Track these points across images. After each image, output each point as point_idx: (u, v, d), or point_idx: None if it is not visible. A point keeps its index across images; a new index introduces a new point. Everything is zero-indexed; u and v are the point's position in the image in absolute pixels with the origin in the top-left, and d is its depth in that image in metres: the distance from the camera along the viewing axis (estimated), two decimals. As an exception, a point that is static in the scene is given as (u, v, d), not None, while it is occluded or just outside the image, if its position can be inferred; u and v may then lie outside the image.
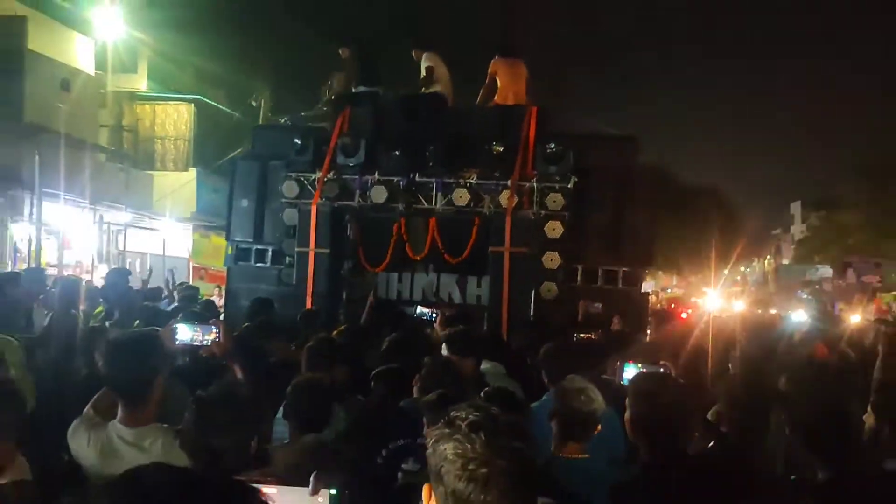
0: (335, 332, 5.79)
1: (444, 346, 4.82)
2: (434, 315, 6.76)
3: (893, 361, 5.59)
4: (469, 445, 1.58)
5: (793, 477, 3.03)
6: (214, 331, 3.81)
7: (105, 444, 3.03)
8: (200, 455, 2.63)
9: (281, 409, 3.68)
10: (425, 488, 1.67)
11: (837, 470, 2.78)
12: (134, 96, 23.44)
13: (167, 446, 2.91)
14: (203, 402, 2.76)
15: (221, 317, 8.22)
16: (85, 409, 3.29)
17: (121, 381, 3.10)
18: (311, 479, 1.52)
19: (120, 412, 3.10)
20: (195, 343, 3.84)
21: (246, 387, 3.40)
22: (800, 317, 9.85)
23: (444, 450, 1.60)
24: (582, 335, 6.63)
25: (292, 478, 2.28)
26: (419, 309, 7.35)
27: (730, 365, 5.52)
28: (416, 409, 3.63)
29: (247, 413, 2.75)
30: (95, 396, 3.34)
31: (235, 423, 2.67)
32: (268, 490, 1.56)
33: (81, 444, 3.10)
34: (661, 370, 4.46)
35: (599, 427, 3.37)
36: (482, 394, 3.47)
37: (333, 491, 1.58)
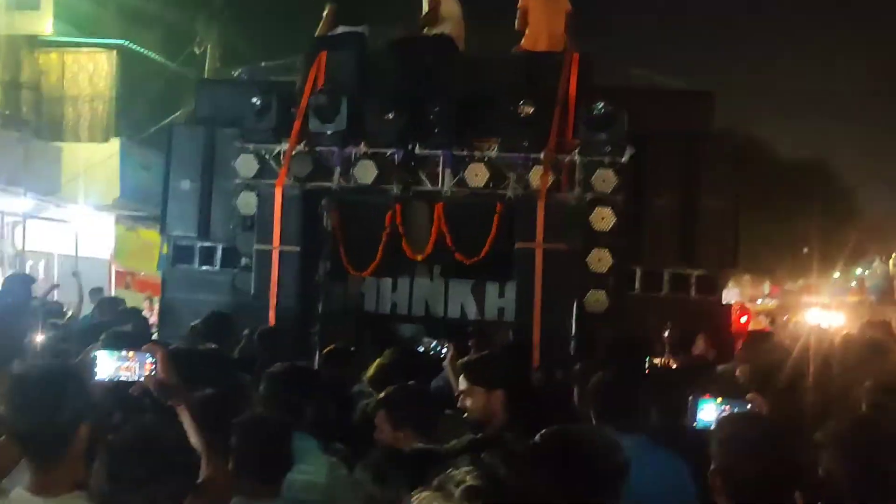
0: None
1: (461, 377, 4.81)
2: (444, 349, 6.74)
3: None
4: None
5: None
6: (150, 360, 3.77)
7: None
8: None
9: None
10: None
11: None
12: (35, 42, 23.48)
13: None
14: (114, 447, 2.73)
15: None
16: None
17: (28, 434, 3.02)
18: None
19: (28, 476, 3.02)
20: (123, 378, 3.80)
21: (176, 428, 3.40)
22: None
23: None
24: (657, 361, 6.67)
25: None
26: (424, 340, 7.38)
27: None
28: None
29: (175, 462, 2.73)
30: None
31: (159, 475, 2.66)
32: None
33: None
34: (749, 407, 4.48)
35: None
36: (539, 436, 3.43)
37: None
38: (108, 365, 3.79)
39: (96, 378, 3.75)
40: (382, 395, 4.47)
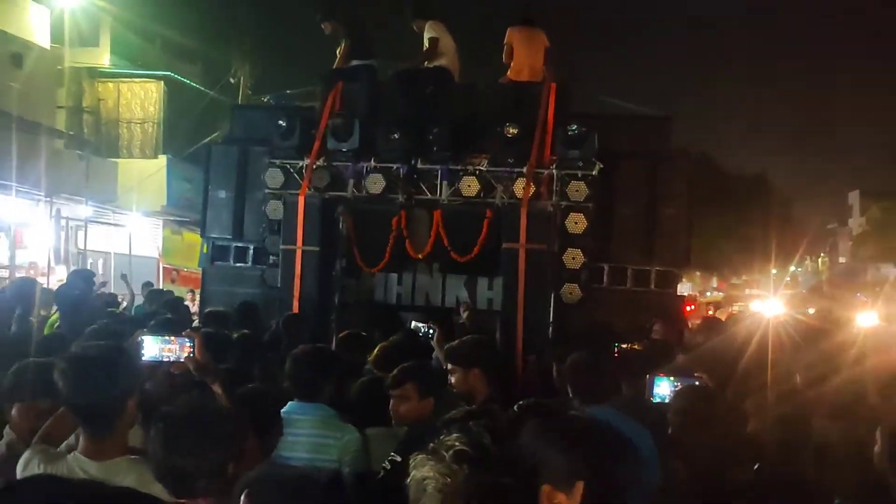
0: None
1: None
2: (431, 331, 6.71)
3: None
4: (450, 479, 1.56)
5: None
6: (188, 344, 3.76)
7: None
8: (167, 481, 2.62)
9: None
10: None
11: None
12: (95, 73, 23.48)
13: (143, 483, 2.74)
14: (168, 418, 2.71)
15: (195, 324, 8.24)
16: (34, 440, 3.19)
17: (84, 405, 2.99)
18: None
19: (82, 442, 2.99)
20: (165, 359, 3.79)
21: (219, 402, 3.42)
22: (869, 320, 9.83)
23: (422, 480, 1.59)
24: (624, 346, 6.65)
25: None
26: (413, 324, 7.30)
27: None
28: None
29: (220, 431, 2.71)
30: (47, 422, 3.26)
31: (206, 442, 2.64)
32: None
33: None
34: (697, 384, 4.50)
35: None
36: (516, 406, 3.45)
37: None
38: (153, 347, 3.79)
39: (143, 359, 3.75)
40: (408, 368, 4.34)
